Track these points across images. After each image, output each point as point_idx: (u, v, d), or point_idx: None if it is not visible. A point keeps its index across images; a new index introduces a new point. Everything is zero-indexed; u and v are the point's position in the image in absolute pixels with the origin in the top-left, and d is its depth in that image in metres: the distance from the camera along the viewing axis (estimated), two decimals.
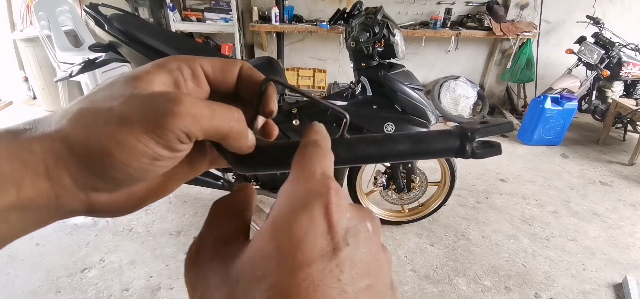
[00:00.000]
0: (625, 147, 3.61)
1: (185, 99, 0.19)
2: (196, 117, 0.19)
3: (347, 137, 0.27)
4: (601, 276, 1.94)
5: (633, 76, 3.52)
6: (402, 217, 2.20)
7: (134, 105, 0.19)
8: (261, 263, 0.16)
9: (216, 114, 0.20)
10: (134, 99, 0.19)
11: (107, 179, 0.19)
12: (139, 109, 0.19)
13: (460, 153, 0.27)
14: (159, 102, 0.19)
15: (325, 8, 3.97)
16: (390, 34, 1.72)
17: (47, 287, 1.67)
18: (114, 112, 0.19)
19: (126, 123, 0.18)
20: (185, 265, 0.20)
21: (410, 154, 0.27)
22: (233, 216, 0.22)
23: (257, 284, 0.15)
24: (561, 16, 3.99)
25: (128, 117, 0.18)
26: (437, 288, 1.80)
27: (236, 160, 0.25)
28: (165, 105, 0.19)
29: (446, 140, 0.27)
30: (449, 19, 3.86)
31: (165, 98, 0.19)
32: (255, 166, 0.26)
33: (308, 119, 1.73)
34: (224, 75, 0.24)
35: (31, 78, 3.51)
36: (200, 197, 2.35)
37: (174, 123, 0.18)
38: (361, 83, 1.83)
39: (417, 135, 0.27)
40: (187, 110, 0.19)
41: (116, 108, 0.19)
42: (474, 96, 4.00)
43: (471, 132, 0.27)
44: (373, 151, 0.27)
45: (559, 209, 2.51)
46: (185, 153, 0.21)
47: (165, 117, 0.18)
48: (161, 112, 0.18)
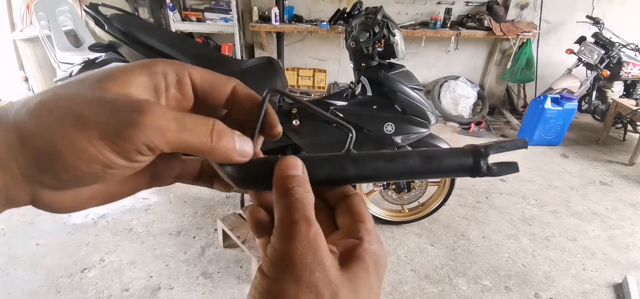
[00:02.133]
0: (625, 147, 3.61)
1: (152, 109, 0.18)
2: (162, 130, 0.18)
3: (354, 153, 0.26)
4: (601, 276, 1.94)
5: (633, 76, 3.52)
6: (402, 217, 2.20)
7: (95, 107, 0.18)
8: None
9: (187, 126, 0.19)
10: (97, 101, 0.18)
11: (54, 178, 0.19)
12: (100, 113, 0.18)
13: (475, 171, 0.26)
14: (123, 109, 0.18)
15: (325, 8, 3.97)
16: (390, 34, 1.72)
17: (47, 287, 1.67)
18: (72, 111, 0.18)
19: (81, 125, 0.17)
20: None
21: (421, 172, 0.26)
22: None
23: None
24: (561, 16, 3.99)
25: (85, 119, 0.18)
26: (437, 288, 1.80)
27: (234, 174, 0.24)
28: (129, 114, 0.18)
29: (459, 157, 0.26)
30: (449, 19, 3.86)
31: (130, 106, 0.18)
32: (255, 182, 0.25)
33: (308, 120, 1.73)
34: (212, 89, 0.23)
35: (31, 78, 3.51)
36: (200, 197, 2.35)
37: (135, 134, 0.18)
38: (361, 83, 1.83)
39: (429, 152, 0.26)
40: (152, 121, 0.18)
41: (75, 107, 0.18)
42: (474, 96, 3.99)
43: (484, 148, 0.26)
44: (382, 166, 0.25)
45: (559, 209, 2.51)
46: (144, 165, 0.20)
47: (127, 126, 0.18)
48: (123, 120, 0.18)
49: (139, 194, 2.32)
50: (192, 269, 1.80)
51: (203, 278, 1.76)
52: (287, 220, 0.21)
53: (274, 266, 0.20)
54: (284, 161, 0.23)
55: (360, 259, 0.22)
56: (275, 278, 0.20)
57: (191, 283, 1.73)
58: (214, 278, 1.77)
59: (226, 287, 1.72)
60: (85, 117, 0.18)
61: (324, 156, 0.25)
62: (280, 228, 0.21)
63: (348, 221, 0.25)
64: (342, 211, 0.26)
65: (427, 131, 1.79)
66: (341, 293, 0.20)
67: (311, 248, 0.20)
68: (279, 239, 0.21)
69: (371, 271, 0.22)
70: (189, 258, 1.88)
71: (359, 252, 0.22)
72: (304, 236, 0.20)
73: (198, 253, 1.91)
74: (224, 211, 2.24)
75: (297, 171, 0.23)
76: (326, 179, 0.25)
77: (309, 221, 0.21)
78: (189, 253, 1.91)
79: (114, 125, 0.18)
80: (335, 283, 0.20)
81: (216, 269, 1.81)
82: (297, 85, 4.30)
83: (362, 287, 0.21)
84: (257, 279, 0.21)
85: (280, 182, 0.22)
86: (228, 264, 1.84)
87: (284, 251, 0.20)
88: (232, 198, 2.36)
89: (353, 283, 0.21)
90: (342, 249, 0.23)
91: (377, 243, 0.24)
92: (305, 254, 0.20)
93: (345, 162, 0.25)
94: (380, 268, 0.23)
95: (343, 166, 0.25)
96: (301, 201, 0.22)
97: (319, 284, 0.19)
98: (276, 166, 0.23)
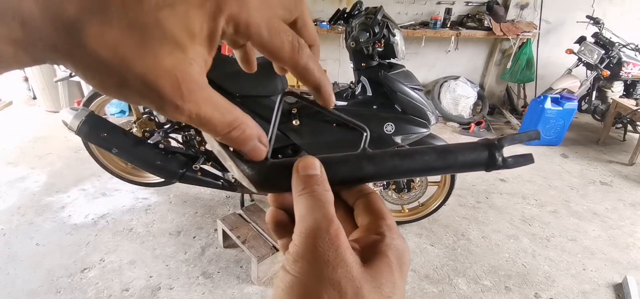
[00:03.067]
0: (625, 147, 3.61)
1: (196, 91, 0.18)
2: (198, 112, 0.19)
3: (369, 152, 0.26)
4: (601, 276, 1.94)
5: (633, 76, 3.52)
6: (402, 217, 2.20)
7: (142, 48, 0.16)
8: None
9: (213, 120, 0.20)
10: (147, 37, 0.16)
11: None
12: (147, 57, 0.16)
13: (491, 165, 0.26)
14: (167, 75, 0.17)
15: (325, 8, 3.97)
16: (390, 34, 1.72)
17: (47, 287, 1.67)
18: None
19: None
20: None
21: (437, 167, 0.26)
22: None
23: None
24: (561, 16, 3.99)
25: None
26: (437, 288, 1.80)
27: (253, 177, 0.24)
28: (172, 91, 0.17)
29: (474, 151, 0.26)
30: (449, 19, 3.86)
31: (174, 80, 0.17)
32: (274, 184, 0.25)
33: (308, 120, 1.73)
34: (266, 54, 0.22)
35: (31, 78, 3.51)
36: (200, 197, 2.35)
37: (169, 110, 0.18)
38: (361, 83, 1.83)
39: (444, 147, 0.26)
40: (191, 108, 0.18)
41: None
42: (474, 96, 3.99)
43: (498, 141, 0.26)
44: (398, 163, 0.25)
45: (559, 209, 2.51)
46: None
47: (165, 103, 0.17)
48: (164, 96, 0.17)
49: (139, 194, 2.32)
50: (192, 269, 1.80)
51: (203, 278, 1.76)
52: (307, 218, 0.21)
53: (296, 264, 0.20)
54: (303, 161, 0.23)
55: (383, 255, 0.22)
56: (297, 275, 0.20)
57: (191, 283, 1.73)
58: (214, 278, 1.77)
59: (226, 287, 1.72)
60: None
61: (341, 156, 0.25)
62: (301, 225, 0.21)
63: (368, 219, 0.25)
64: (360, 210, 0.26)
65: (427, 131, 1.79)
66: (364, 290, 0.20)
67: (333, 244, 0.20)
68: (300, 237, 0.21)
69: (394, 267, 0.22)
70: (189, 258, 1.88)
71: (382, 248, 0.22)
72: (325, 232, 0.20)
73: (198, 253, 1.91)
74: (224, 211, 2.24)
75: (316, 170, 0.23)
76: (344, 178, 0.25)
77: (330, 218, 0.21)
78: (189, 253, 1.91)
79: (153, 98, 0.17)
80: (358, 279, 0.20)
81: (216, 269, 1.81)
82: (297, 85, 4.29)
83: (386, 283, 0.21)
84: (280, 277, 0.21)
85: (299, 182, 0.23)
86: (228, 264, 1.84)
87: (305, 248, 0.20)
88: (232, 198, 2.36)
89: (376, 279, 0.20)
90: (364, 245, 0.23)
91: (399, 238, 0.24)
92: (327, 251, 0.20)
93: (362, 161, 0.25)
94: (404, 263, 0.23)
95: (360, 165, 0.25)
96: (321, 199, 0.22)
97: (341, 281, 0.19)
98: (294, 167, 0.23)
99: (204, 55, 0.18)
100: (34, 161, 2.66)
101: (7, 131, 3.14)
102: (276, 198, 0.26)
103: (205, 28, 0.18)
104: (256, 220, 1.87)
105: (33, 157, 2.71)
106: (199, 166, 1.84)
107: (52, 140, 2.98)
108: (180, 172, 1.82)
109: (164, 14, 0.16)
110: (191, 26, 0.17)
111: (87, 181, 2.44)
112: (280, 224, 0.26)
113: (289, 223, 0.25)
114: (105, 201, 2.27)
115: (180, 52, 0.17)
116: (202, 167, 1.86)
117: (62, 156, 2.75)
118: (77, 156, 2.72)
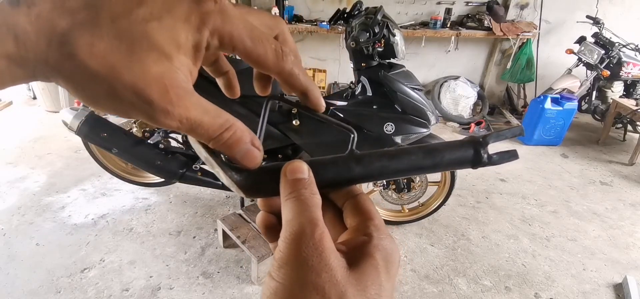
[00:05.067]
0: (625, 147, 3.61)
1: (186, 100, 0.19)
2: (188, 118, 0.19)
3: (357, 153, 0.26)
4: (601, 276, 1.94)
5: (633, 76, 3.52)
6: (402, 217, 2.20)
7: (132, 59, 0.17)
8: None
9: (203, 124, 0.20)
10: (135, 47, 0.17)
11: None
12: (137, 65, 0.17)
13: (477, 162, 0.26)
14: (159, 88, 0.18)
15: (325, 8, 3.97)
16: (390, 34, 1.72)
17: (47, 287, 1.67)
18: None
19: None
20: None
21: (424, 166, 0.26)
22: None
23: None
24: (561, 16, 3.99)
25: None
26: (437, 288, 1.80)
27: (242, 182, 0.24)
28: (164, 98, 0.18)
29: (460, 149, 0.26)
30: (449, 19, 3.86)
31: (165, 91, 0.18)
32: (263, 189, 0.25)
33: (308, 120, 1.73)
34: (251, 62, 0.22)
35: None
36: (200, 197, 2.35)
37: (158, 116, 0.18)
38: (361, 83, 1.83)
39: (430, 146, 0.26)
40: (180, 112, 0.19)
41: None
42: (474, 96, 3.99)
43: (483, 138, 0.26)
44: (386, 164, 0.26)
45: (559, 209, 2.51)
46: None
47: (156, 111, 0.18)
48: (156, 106, 0.18)
49: (139, 194, 2.32)
50: (192, 269, 1.81)
51: (203, 278, 1.76)
52: (293, 222, 0.21)
53: (280, 270, 0.20)
54: (290, 165, 0.23)
55: (369, 256, 0.22)
56: (282, 281, 0.20)
57: (191, 283, 1.73)
58: (214, 278, 1.77)
59: (226, 287, 1.72)
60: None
61: (329, 158, 0.25)
62: (286, 231, 0.21)
63: (356, 220, 0.25)
64: (349, 212, 0.26)
65: (427, 131, 1.79)
66: (349, 293, 0.19)
67: (317, 249, 0.20)
68: (284, 242, 0.21)
69: (381, 268, 0.22)
70: (189, 258, 1.88)
71: (368, 249, 0.22)
72: (309, 238, 0.20)
73: (198, 253, 1.91)
74: (224, 211, 2.24)
75: (303, 174, 0.23)
76: (332, 181, 0.25)
77: (314, 223, 0.21)
78: (189, 253, 1.91)
79: (143, 107, 0.18)
80: (342, 284, 0.20)
81: (216, 269, 1.81)
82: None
83: (371, 285, 0.21)
84: (266, 283, 0.21)
85: (286, 186, 0.23)
86: (228, 264, 1.84)
87: (289, 253, 0.20)
88: (232, 198, 2.36)
89: (361, 282, 0.20)
90: (351, 247, 0.23)
91: (387, 238, 0.23)
92: (310, 256, 0.20)
93: (350, 163, 0.25)
94: (392, 264, 0.23)
95: (348, 166, 0.25)
96: (306, 204, 0.22)
97: (325, 285, 0.19)
98: (282, 171, 0.23)
99: (189, 66, 0.19)
100: (34, 161, 2.67)
101: (7, 131, 3.14)
102: (266, 202, 0.26)
103: (190, 39, 0.19)
104: (256, 220, 1.87)
105: (33, 157, 2.71)
106: (199, 166, 1.84)
107: (52, 140, 2.98)
108: (180, 172, 1.82)
109: (151, 26, 0.17)
110: (177, 38, 0.18)
111: (87, 181, 2.44)
112: (270, 228, 0.26)
113: (279, 227, 0.25)
114: (105, 201, 2.27)
115: (166, 60, 0.18)
116: (202, 167, 1.86)
117: (62, 156, 2.75)
118: (77, 156, 2.72)
